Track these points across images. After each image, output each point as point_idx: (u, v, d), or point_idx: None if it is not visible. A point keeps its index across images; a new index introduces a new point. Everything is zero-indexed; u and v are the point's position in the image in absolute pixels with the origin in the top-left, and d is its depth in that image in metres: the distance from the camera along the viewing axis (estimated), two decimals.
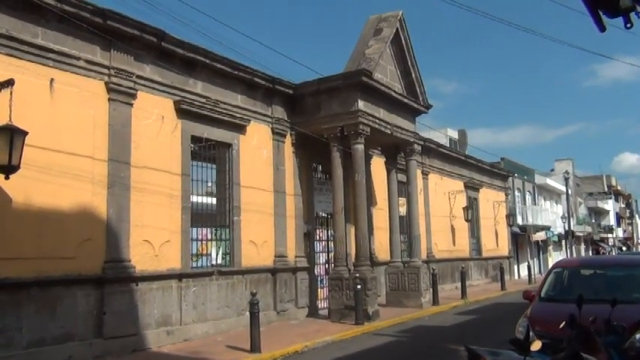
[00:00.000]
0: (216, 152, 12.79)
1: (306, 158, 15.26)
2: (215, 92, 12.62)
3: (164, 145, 11.24)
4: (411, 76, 16.54)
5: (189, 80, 11.98)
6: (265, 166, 13.94)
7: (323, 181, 16.24)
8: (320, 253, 16.00)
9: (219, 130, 12.60)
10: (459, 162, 25.79)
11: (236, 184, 12.92)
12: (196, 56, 11.94)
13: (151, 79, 11.07)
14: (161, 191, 11.03)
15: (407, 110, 16.48)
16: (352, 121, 14.14)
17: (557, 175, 45.19)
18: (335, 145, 14.41)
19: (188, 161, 11.80)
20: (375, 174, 18.17)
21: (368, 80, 14.20)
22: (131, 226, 10.35)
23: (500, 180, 31.02)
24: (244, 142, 13.29)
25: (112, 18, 10.10)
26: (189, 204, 11.69)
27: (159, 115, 11.18)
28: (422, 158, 21.68)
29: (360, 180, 14.34)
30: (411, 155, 17.11)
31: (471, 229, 26.02)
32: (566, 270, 8.38)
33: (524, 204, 36.35)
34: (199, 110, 12.02)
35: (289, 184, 14.61)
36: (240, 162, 13.09)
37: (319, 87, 14.46)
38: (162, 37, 11.05)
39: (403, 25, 15.89)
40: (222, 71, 12.72)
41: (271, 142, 14.21)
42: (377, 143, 17.26)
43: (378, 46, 15.09)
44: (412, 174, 17.26)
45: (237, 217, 12.84)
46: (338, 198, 14.39)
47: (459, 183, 25.56)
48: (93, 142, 9.88)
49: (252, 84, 13.62)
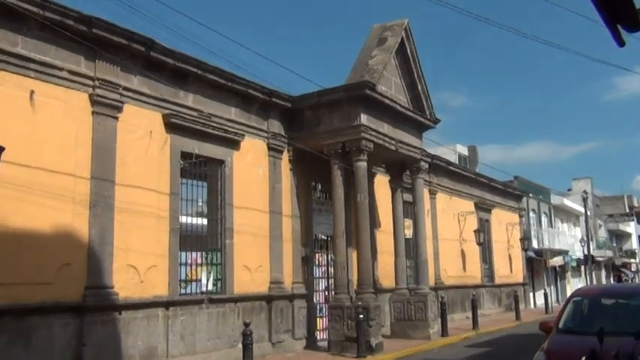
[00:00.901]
0: (207, 169, 12.80)
1: (305, 176, 15.28)
2: (207, 105, 12.69)
3: (152, 161, 11.27)
4: (418, 89, 16.65)
5: (179, 92, 12.05)
6: (260, 184, 13.96)
7: (323, 201, 16.24)
8: (319, 279, 15.92)
9: (211, 146, 12.64)
10: (470, 181, 25.81)
11: (229, 204, 12.91)
12: (187, 67, 12.04)
13: (138, 91, 11.14)
14: (148, 211, 11.03)
15: (413, 125, 16.57)
16: (354, 136, 14.20)
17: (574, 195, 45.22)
18: (336, 162, 14.45)
19: (177, 179, 11.81)
20: (379, 193, 18.18)
21: (371, 93, 14.29)
22: (115, 249, 10.33)
23: (514, 200, 31.02)
24: (238, 158, 13.32)
25: (98, 26, 10.20)
26: (177, 225, 11.67)
27: (146, 129, 11.22)
28: (429, 176, 21.71)
29: (363, 200, 14.35)
30: (417, 173, 17.14)
31: (482, 253, 25.95)
32: (585, 299, 8.34)
33: (540, 226, 36.32)
34: (190, 124, 12.07)
35: (286, 204, 14.61)
36: (233, 180, 13.10)
37: (319, 100, 14.55)
38: (151, 47, 11.15)
39: (409, 34, 16.05)
40: (215, 83, 12.80)
41: (267, 158, 14.25)
42: (381, 160, 17.29)
43: (382, 56, 15.22)
44: (419, 193, 17.28)
45: (229, 240, 12.82)
46: (339, 219, 14.38)
47: (470, 203, 25.56)
48: (75, 159, 9.91)
49: (247, 96, 13.70)
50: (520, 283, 29.99)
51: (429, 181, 21.81)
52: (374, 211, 17.48)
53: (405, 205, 18.27)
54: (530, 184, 35.62)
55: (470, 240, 24.28)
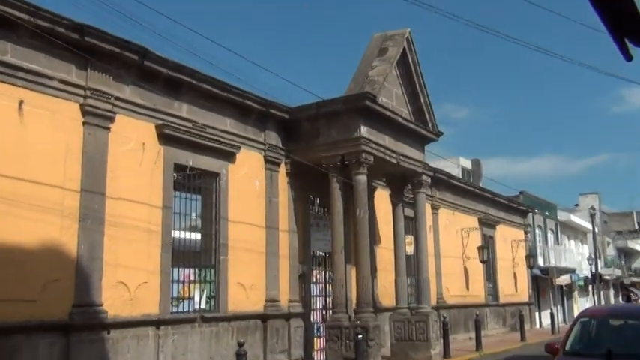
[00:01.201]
0: (201, 182, 12.79)
1: (303, 190, 15.26)
2: (202, 116, 12.70)
3: (144, 174, 11.25)
4: (420, 101, 16.69)
5: (173, 103, 12.07)
6: (256, 198, 13.94)
7: (321, 216, 16.21)
8: (317, 297, 15.85)
9: (206, 158, 12.63)
10: (473, 195, 25.80)
11: (223, 219, 12.88)
12: (182, 76, 12.06)
13: (131, 101, 11.15)
14: (139, 226, 10.99)
15: (415, 138, 16.58)
16: (354, 149, 14.21)
17: (582, 212, 45.20)
18: (334, 176, 14.44)
19: (170, 192, 11.79)
20: (379, 208, 18.15)
21: (372, 104, 14.32)
22: (104, 265, 10.27)
23: (519, 216, 31.00)
24: (233, 171, 13.31)
25: (90, 34, 10.23)
26: (170, 240, 11.63)
27: (139, 140, 11.22)
28: (431, 191, 21.69)
29: (363, 215, 14.32)
30: (419, 187, 17.12)
31: (486, 271, 25.86)
32: (593, 319, 8.30)
33: (546, 243, 36.24)
34: (184, 136, 12.08)
35: (283, 219, 14.57)
36: (228, 193, 13.08)
37: (318, 111, 14.57)
38: (144, 55, 11.18)
39: (411, 44, 16.11)
40: (210, 93, 12.82)
41: (263, 171, 14.24)
42: (381, 174, 17.28)
43: (383, 67, 15.27)
44: (420, 209, 17.24)
45: (223, 256, 12.77)
46: (337, 235, 14.33)
47: (473, 219, 25.52)
48: (64, 171, 9.89)
49: (243, 107, 13.72)
50: (525, 302, 29.86)
51: (431, 195, 21.77)
52: (374, 226, 17.43)
53: (407, 221, 18.22)
54: (536, 199, 35.60)
55: (473, 257, 24.19)
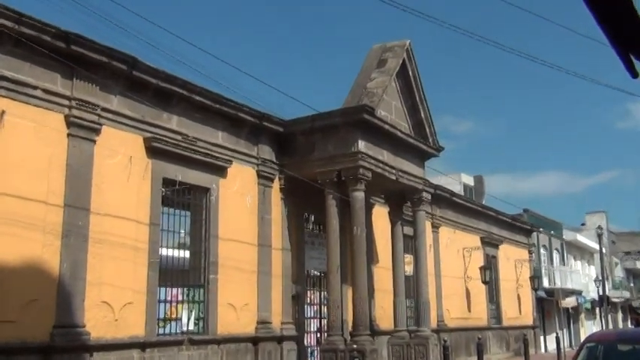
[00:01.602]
0: (191, 198, 12.79)
1: (297, 206, 15.25)
2: (192, 128, 12.72)
3: (131, 188, 11.24)
4: (420, 114, 16.77)
5: (162, 114, 12.09)
6: (248, 214, 13.92)
7: (316, 233, 16.19)
8: (311, 319, 15.79)
9: (196, 172, 12.63)
10: (475, 213, 25.83)
11: (213, 236, 12.85)
12: (172, 87, 12.10)
13: (118, 113, 11.16)
14: (125, 243, 10.95)
15: (414, 153, 16.63)
16: (351, 164, 14.23)
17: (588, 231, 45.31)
18: (330, 192, 14.45)
19: (158, 208, 11.77)
20: (377, 226, 18.14)
21: (370, 118, 14.38)
22: (87, 284, 10.22)
23: (523, 235, 31.01)
24: (225, 186, 13.30)
25: (77, 42, 10.26)
26: (157, 258, 11.59)
27: (126, 153, 11.22)
28: (432, 208, 21.70)
29: (360, 233, 14.31)
30: (419, 205, 17.14)
31: (489, 292, 25.82)
32: (600, 345, 8.29)
33: (551, 264, 36.25)
34: (173, 149, 12.08)
35: (276, 236, 14.55)
36: (219, 209, 13.07)
37: (313, 124, 14.61)
38: (133, 65, 11.22)
39: (411, 55, 16.22)
40: (202, 104, 12.86)
41: (256, 186, 14.24)
42: (379, 190, 17.30)
43: (382, 79, 15.36)
44: (420, 227, 17.25)
45: (213, 275, 12.72)
46: (333, 254, 14.31)
47: (475, 238, 25.52)
48: (47, 185, 9.86)
49: (235, 120, 13.76)
50: (530, 325, 29.77)
51: (431, 213, 21.78)
52: (371, 245, 17.40)
53: (406, 240, 18.22)
54: (540, 218, 35.68)
55: (475, 278, 24.16)
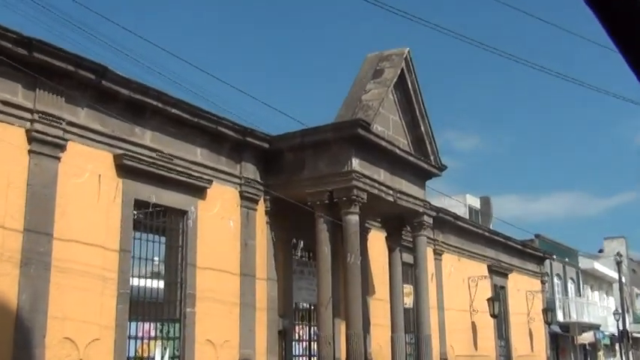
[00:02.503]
0: (166, 221, 12.76)
1: (284, 231, 15.23)
2: (168, 145, 12.72)
3: (99, 211, 11.20)
4: (420, 129, 16.85)
5: (135, 129, 12.09)
6: (230, 240, 13.89)
7: (305, 261, 16.15)
8: (299, 357, 15.71)
9: (172, 193, 12.61)
10: (482, 239, 25.88)
11: (191, 265, 12.80)
12: (145, 99, 12.11)
13: (85, 127, 11.15)
14: (91, 272, 10.88)
15: (414, 172, 16.69)
16: (344, 184, 14.25)
17: (606, 258, 45.45)
18: (321, 216, 14.44)
19: (129, 233, 11.73)
20: (374, 253, 18.12)
21: (365, 133, 14.43)
22: (49, 318, 10.12)
23: (535, 263, 31.07)
24: (204, 208, 13.28)
25: (40, 49, 10.27)
26: (127, 289, 11.52)
27: (94, 172, 11.19)
28: (434, 234, 21.71)
29: (354, 261, 14.27)
30: (419, 230, 17.15)
31: (497, 327, 25.78)
32: None
33: (566, 295, 36.30)
34: (147, 167, 12.07)
35: (261, 265, 14.51)
36: (197, 235, 13.03)
37: (303, 140, 14.65)
38: (102, 74, 11.23)
39: (410, 65, 16.34)
40: (179, 118, 12.87)
41: (239, 209, 14.23)
42: (376, 213, 17.30)
43: (379, 90, 15.45)
44: (421, 254, 17.24)
45: (190, 309, 12.65)
46: (324, 285, 14.26)
47: (482, 266, 25.54)
48: (5, 207, 9.81)
49: (216, 135, 13.77)
50: None
51: (433, 239, 21.79)
52: (367, 274, 17.37)
53: (405, 268, 18.19)
54: (554, 244, 35.78)
55: (482, 311, 24.13)
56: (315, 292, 15.08)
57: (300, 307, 15.95)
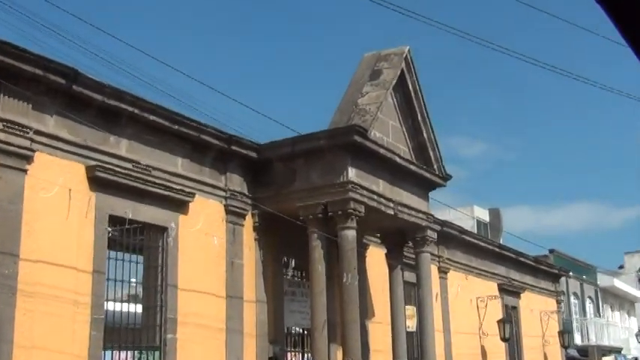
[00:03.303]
0: (144, 239, 12.72)
1: (274, 249, 15.23)
2: (146, 155, 12.71)
3: (70, 228, 11.16)
4: (422, 135, 16.89)
5: (109, 138, 12.08)
6: (215, 259, 13.87)
7: (298, 281, 16.14)
8: None
9: (150, 208, 12.60)
10: (492, 255, 25.90)
11: (172, 286, 12.77)
12: (121, 104, 12.09)
13: (55, 136, 11.14)
14: (62, 296, 10.83)
15: (416, 182, 16.71)
16: (340, 196, 14.25)
17: (627, 275, 45.56)
18: (315, 231, 14.43)
19: (104, 252, 11.71)
20: (373, 272, 18.10)
21: (362, 140, 14.44)
22: (15, 347, 10.05)
23: (550, 281, 31.10)
24: (186, 224, 13.26)
25: (5, 52, 10.24)
26: (102, 315, 11.49)
27: (64, 185, 11.16)
28: (439, 249, 21.72)
29: (351, 281, 14.25)
30: (422, 245, 17.15)
31: (509, 351, 25.75)
32: None
33: (584, 315, 36.32)
34: (122, 180, 12.05)
35: (249, 286, 14.49)
36: (178, 253, 13.01)
37: (294, 149, 14.66)
38: (73, 79, 11.22)
39: (410, 65, 16.39)
40: (157, 126, 12.86)
41: (224, 224, 14.22)
42: (375, 228, 17.30)
43: (377, 93, 15.48)
44: (425, 272, 17.23)
45: (171, 335, 12.61)
46: (319, 307, 14.23)
47: (492, 285, 25.55)
48: None
49: (198, 144, 13.77)
50: None
51: (438, 255, 21.80)
52: (365, 295, 17.34)
53: (407, 288, 18.18)
54: (570, 259, 35.82)
55: (492, 334, 24.11)
56: (308, 316, 15.05)
57: (292, 332, 15.93)
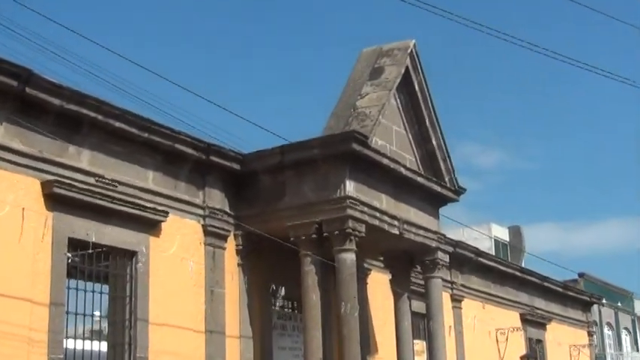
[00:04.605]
0: (110, 266, 12.69)
1: (261, 275, 15.22)
2: (111, 168, 12.70)
3: (23, 254, 11.12)
4: (431, 143, 16.90)
5: (68, 148, 12.05)
6: (192, 288, 13.84)
7: (288, 313, 16.15)
8: None
9: (117, 230, 12.57)
10: (512, 280, 25.94)
11: (142, 320, 12.72)
12: (82, 109, 12.04)
13: (4, 147, 11.11)
14: (13, 332, 10.76)
15: (425, 197, 16.71)
16: (336, 214, 14.24)
17: None
18: (308, 255, 14.41)
19: (62, 281, 11.66)
20: (375, 301, 18.10)
21: (362, 149, 14.43)
22: None
23: (580, 309, 31.14)
24: (158, 248, 13.24)
25: None
26: (60, 354, 11.44)
27: (16, 204, 11.13)
28: (451, 274, 21.73)
29: (350, 312, 14.22)
30: (433, 270, 17.13)
31: None
32: None
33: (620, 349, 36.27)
34: (84, 197, 12.01)
35: (232, 318, 14.48)
36: (149, 282, 12.98)
37: (283, 159, 14.64)
38: (26, 80, 11.18)
39: (416, 62, 16.40)
40: (124, 134, 12.83)
41: (203, 248, 14.21)
42: (377, 250, 17.30)
43: (378, 94, 15.48)
44: (436, 301, 17.20)
45: None
46: (313, 343, 14.20)
47: (513, 315, 25.57)
48: None
49: (172, 154, 13.76)
50: None
51: (450, 281, 21.81)
52: (367, 328, 17.32)
53: (415, 319, 18.17)
54: (603, 285, 35.82)
55: None
56: (301, 353, 15.06)
57: None
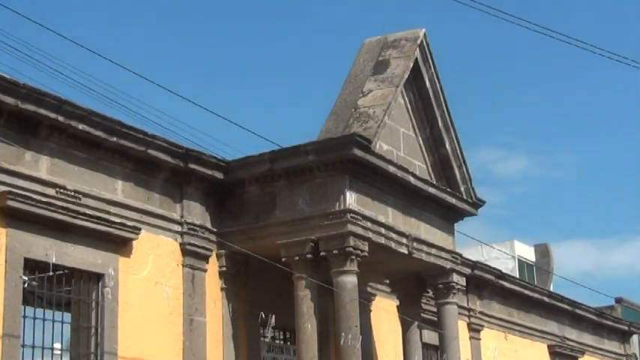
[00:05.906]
0: (72, 291, 12.67)
1: (248, 301, 15.24)
2: (74, 177, 12.71)
3: None
4: (445, 147, 16.91)
5: (24, 155, 12.05)
6: (168, 317, 13.84)
7: (280, 345, 16.22)
8: None
9: (80, 249, 12.56)
10: (539, 307, 26.01)
11: (110, 354, 12.70)
12: (40, 110, 12.02)
13: None
14: None
15: (438, 210, 16.74)
16: (335, 230, 14.24)
17: None
18: (302, 277, 14.40)
19: (18, 309, 11.65)
20: (380, 330, 18.11)
21: (364, 154, 14.41)
22: None
23: (617, 340, 31.18)
24: (128, 270, 13.24)
25: None
26: None
27: None
28: (469, 300, 21.75)
29: (352, 343, 14.20)
30: (447, 295, 17.14)
31: None
32: None
33: None
34: (43, 211, 11.98)
35: (214, 351, 14.50)
36: (118, 310, 12.96)
37: (273, 167, 14.64)
38: None
39: (427, 54, 16.40)
40: (90, 138, 12.83)
41: (180, 270, 14.23)
42: (383, 272, 17.32)
43: (383, 92, 15.47)
44: (450, 330, 17.19)
45: None
46: None
47: (540, 347, 25.64)
48: None
49: (144, 161, 13.77)
50: None
51: (467, 308, 21.84)
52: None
53: (427, 351, 18.19)
54: None
55: None
56: None
57: None
